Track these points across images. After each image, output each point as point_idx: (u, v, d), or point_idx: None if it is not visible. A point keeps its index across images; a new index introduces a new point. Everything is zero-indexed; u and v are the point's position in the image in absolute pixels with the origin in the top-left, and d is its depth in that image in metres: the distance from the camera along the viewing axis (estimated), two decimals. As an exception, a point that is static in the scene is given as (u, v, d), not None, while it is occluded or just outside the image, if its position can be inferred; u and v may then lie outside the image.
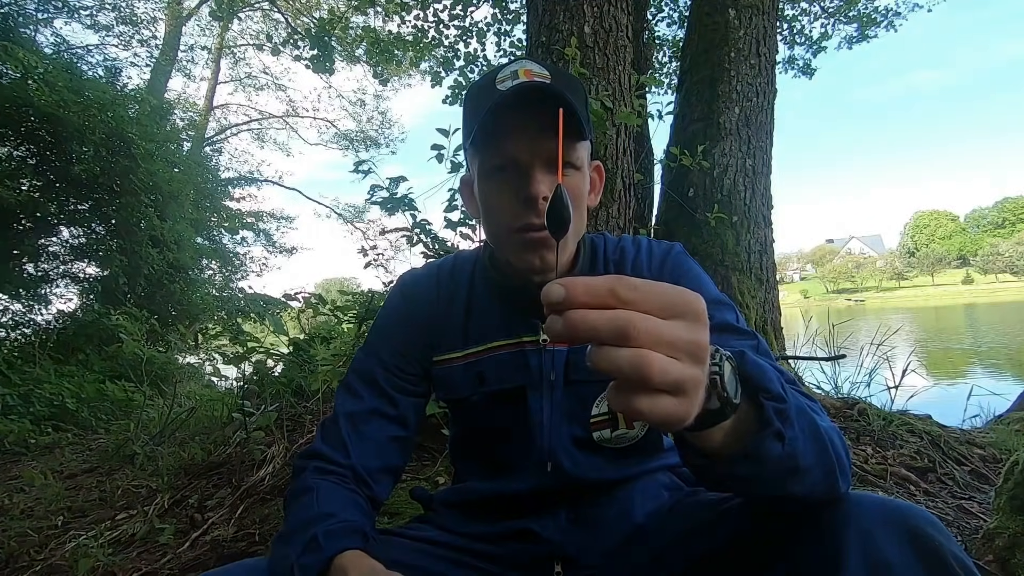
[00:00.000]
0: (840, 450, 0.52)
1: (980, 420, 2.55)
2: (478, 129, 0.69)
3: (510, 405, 0.76)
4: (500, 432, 0.78)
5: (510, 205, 0.70)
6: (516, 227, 0.69)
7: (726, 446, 0.46)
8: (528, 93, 0.66)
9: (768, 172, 2.99)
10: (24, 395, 3.88)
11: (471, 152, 0.75)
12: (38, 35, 8.16)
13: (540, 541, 0.73)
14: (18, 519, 1.69)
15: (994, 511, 1.18)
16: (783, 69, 7.03)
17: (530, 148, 0.68)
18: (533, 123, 0.67)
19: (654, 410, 0.33)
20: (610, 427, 0.74)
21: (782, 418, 0.45)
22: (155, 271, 7.40)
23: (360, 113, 17.10)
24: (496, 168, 0.70)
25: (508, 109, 0.66)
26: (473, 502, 0.78)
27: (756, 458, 0.45)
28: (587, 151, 0.74)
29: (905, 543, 0.47)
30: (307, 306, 2.70)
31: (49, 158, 6.30)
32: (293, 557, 0.60)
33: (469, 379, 0.77)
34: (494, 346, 0.77)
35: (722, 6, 3.03)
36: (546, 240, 0.69)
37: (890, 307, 42.72)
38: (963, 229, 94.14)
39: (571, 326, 0.33)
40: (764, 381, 0.46)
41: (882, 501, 0.51)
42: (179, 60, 13.37)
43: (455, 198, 2.36)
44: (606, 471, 0.74)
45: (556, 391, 0.75)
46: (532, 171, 0.68)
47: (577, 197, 0.71)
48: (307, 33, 6.70)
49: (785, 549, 0.53)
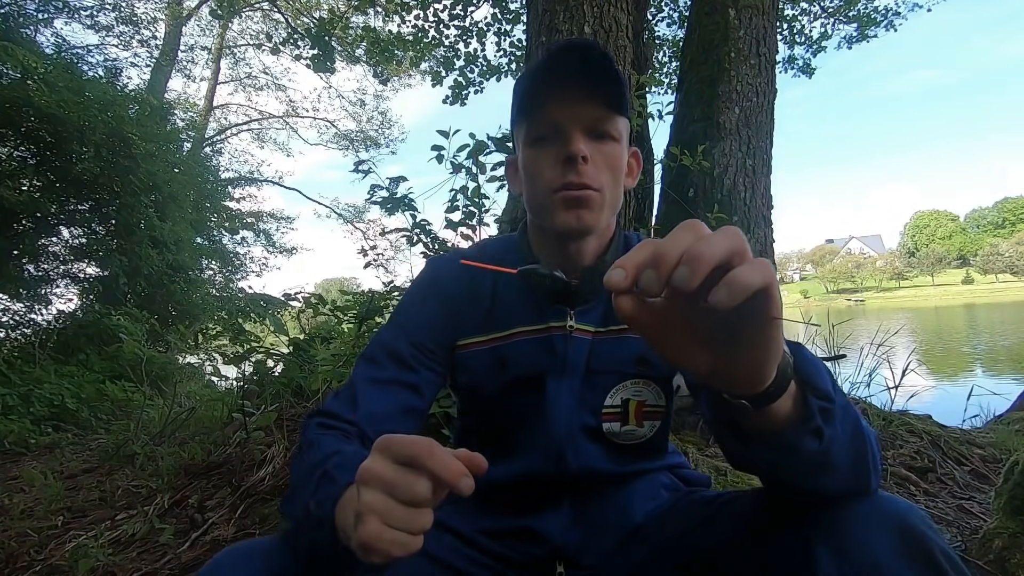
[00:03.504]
0: (877, 453, 0.53)
1: (980, 420, 2.56)
2: (518, 100, 0.72)
3: (528, 391, 0.76)
4: (513, 417, 0.78)
5: (551, 168, 0.71)
6: (555, 187, 0.71)
7: (764, 431, 0.47)
8: (568, 57, 0.67)
9: (768, 172, 2.99)
10: (24, 395, 3.88)
11: (516, 126, 0.77)
12: (38, 35, 8.15)
13: (541, 541, 0.73)
14: (18, 519, 1.69)
15: (994, 511, 1.18)
16: (783, 69, 7.03)
17: (571, 114, 0.69)
18: (574, 90, 0.69)
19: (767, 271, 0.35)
20: (620, 421, 0.75)
21: (825, 416, 0.46)
22: (155, 271, 7.39)
23: (360, 113, 17.10)
24: (538, 138, 0.72)
25: (549, 76, 0.69)
26: (476, 491, 0.77)
27: (790, 450, 0.47)
28: (626, 128, 0.75)
29: (895, 539, 0.47)
30: (307, 306, 2.69)
31: (49, 158, 6.29)
32: (306, 498, 0.55)
33: (492, 364, 0.77)
34: (518, 331, 0.77)
35: (722, 6, 3.03)
36: (585, 198, 0.70)
37: (890, 307, 42.72)
38: (963, 229, 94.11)
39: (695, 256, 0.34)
40: (815, 377, 0.47)
41: (872, 497, 0.52)
42: (179, 60, 13.37)
43: (455, 198, 2.36)
44: (609, 464, 0.75)
45: (575, 379, 0.75)
46: (571, 133, 0.69)
47: (615, 168, 0.72)
48: (307, 33, 6.70)
49: (780, 545, 0.53)
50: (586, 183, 0.70)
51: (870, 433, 0.53)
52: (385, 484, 0.42)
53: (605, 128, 0.71)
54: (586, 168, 0.69)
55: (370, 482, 0.42)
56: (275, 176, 16.57)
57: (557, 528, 0.74)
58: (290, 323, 4.36)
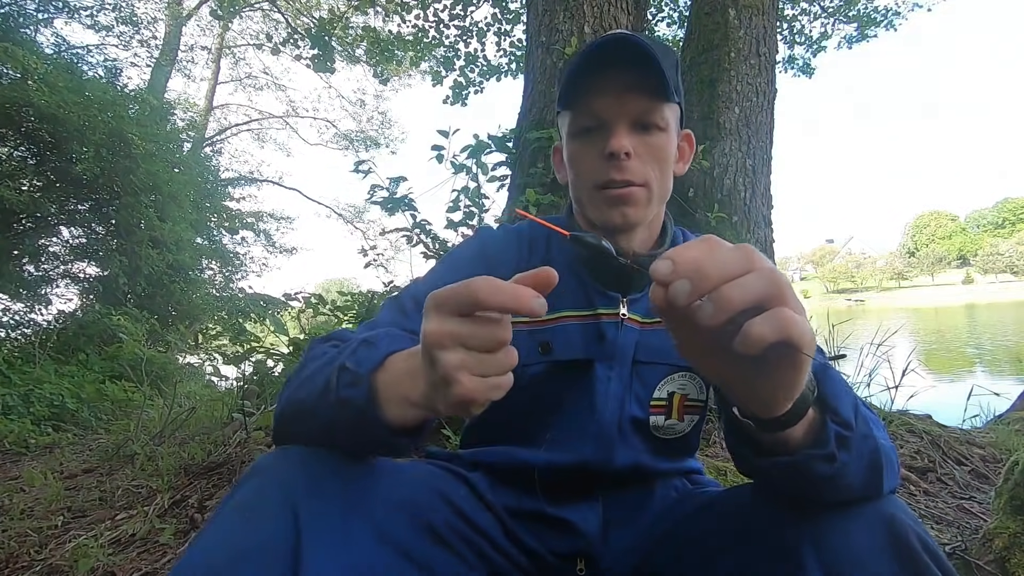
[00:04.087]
0: (894, 464, 0.53)
1: (980, 420, 2.55)
2: (562, 91, 0.70)
3: (574, 377, 0.73)
4: (552, 403, 0.74)
5: (593, 162, 0.70)
6: (598, 183, 0.70)
7: (775, 450, 0.46)
8: (611, 49, 0.66)
9: (768, 172, 2.99)
10: (24, 395, 3.88)
11: (561, 116, 0.76)
12: (38, 35, 8.16)
13: (575, 534, 0.71)
14: (18, 519, 1.69)
15: (994, 511, 1.18)
16: (783, 69, 7.03)
17: (615, 106, 0.68)
18: (617, 81, 0.67)
19: (800, 321, 0.35)
20: (664, 415, 0.74)
21: (841, 443, 0.46)
22: (155, 271, 7.39)
23: (360, 113, 17.13)
24: (582, 129, 0.71)
25: (593, 67, 0.67)
26: (507, 467, 0.75)
27: (799, 471, 0.46)
28: (675, 115, 0.73)
29: (880, 537, 0.47)
30: (307, 306, 2.70)
31: (49, 158, 6.29)
32: (343, 358, 0.51)
33: (532, 347, 0.74)
34: (564, 315, 0.75)
35: (722, 6, 3.03)
36: (628, 195, 0.69)
37: (891, 307, 42.72)
38: (963, 229, 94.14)
39: (699, 272, 0.35)
40: (836, 402, 0.46)
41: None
42: (179, 60, 13.39)
43: (459, 198, 2.36)
44: (649, 459, 0.74)
45: (624, 368, 0.73)
46: (615, 127, 0.68)
47: (662, 159, 0.71)
48: (307, 33, 6.70)
49: (765, 545, 0.53)
50: (629, 180, 0.69)
51: (888, 450, 0.52)
52: (461, 339, 0.40)
53: (651, 119, 0.69)
54: (629, 164, 0.68)
55: (445, 343, 0.40)
56: (275, 176, 16.61)
57: (593, 521, 0.72)
58: (290, 323, 4.37)
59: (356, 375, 0.49)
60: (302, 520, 0.47)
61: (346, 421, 0.50)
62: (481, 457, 0.76)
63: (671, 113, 0.72)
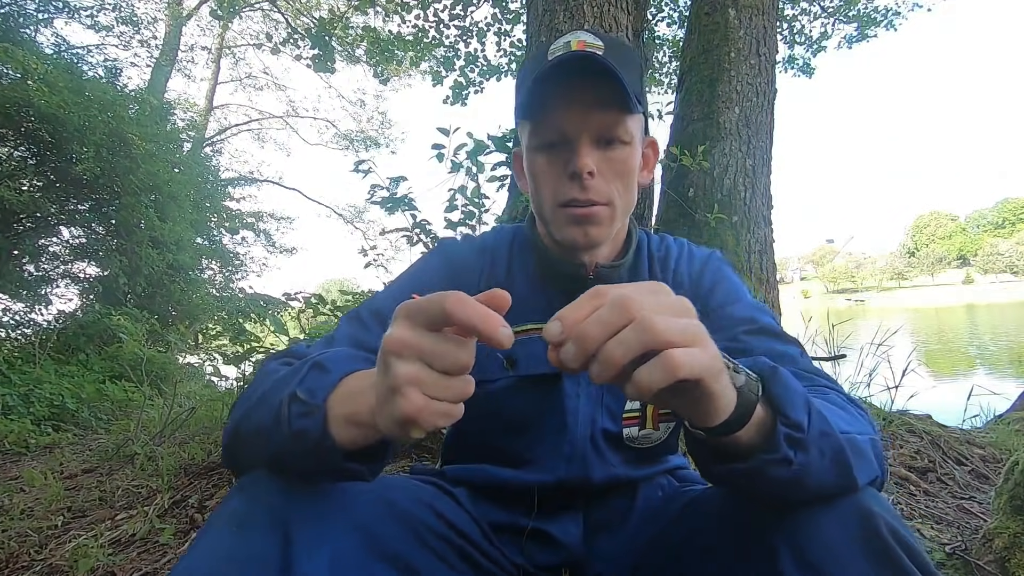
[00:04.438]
0: (868, 458, 0.50)
1: (980, 420, 2.56)
2: (523, 101, 0.69)
3: (541, 392, 0.73)
4: (523, 418, 0.74)
5: (556, 180, 0.69)
6: (561, 202, 0.69)
7: (729, 455, 0.46)
8: (574, 64, 0.64)
9: (768, 172, 2.99)
10: (24, 395, 3.88)
11: (520, 125, 0.74)
12: (38, 35, 8.16)
13: (557, 546, 0.71)
14: (18, 519, 1.69)
15: (994, 511, 1.18)
16: (783, 69, 7.03)
17: (578, 122, 0.67)
18: (581, 96, 0.66)
19: (689, 359, 0.36)
20: (638, 425, 0.74)
21: (794, 445, 0.44)
22: (155, 271, 7.39)
23: (360, 113, 17.12)
24: (545, 143, 0.70)
25: (554, 81, 0.65)
26: (485, 484, 0.75)
27: (756, 474, 0.45)
28: (639, 124, 0.72)
29: (853, 530, 0.46)
30: (307, 306, 2.69)
31: (49, 158, 6.29)
32: (293, 385, 0.49)
33: (497, 362, 0.73)
34: (529, 328, 0.73)
35: (722, 6, 3.03)
36: (591, 215, 0.68)
37: (891, 307, 42.72)
38: (963, 229, 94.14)
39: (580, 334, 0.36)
40: (785, 404, 0.45)
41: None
42: (179, 60, 13.38)
43: (455, 198, 2.36)
44: (628, 470, 0.74)
45: (592, 383, 0.72)
46: (579, 145, 0.67)
47: (625, 172, 0.70)
48: (307, 33, 6.70)
49: (745, 544, 0.53)
50: (592, 199, 0.68)
51: (859, 442, 0.50)
52: (422, 353, 0.38)
53: (615, 134, 0.68)
54: (593, 183, 0.67)
55: (403, 352, 0.38)
56: (275, 176, 16.61)
57: (574, 533, 0.72)
58: (290, 323, 4.37)
59: (309, 405, 0.47)
60: (292, 531, 0.48)
61: (301, 451, 0.48)
62: (462, 475, 0.77)
63: (635, 124, 0.70)
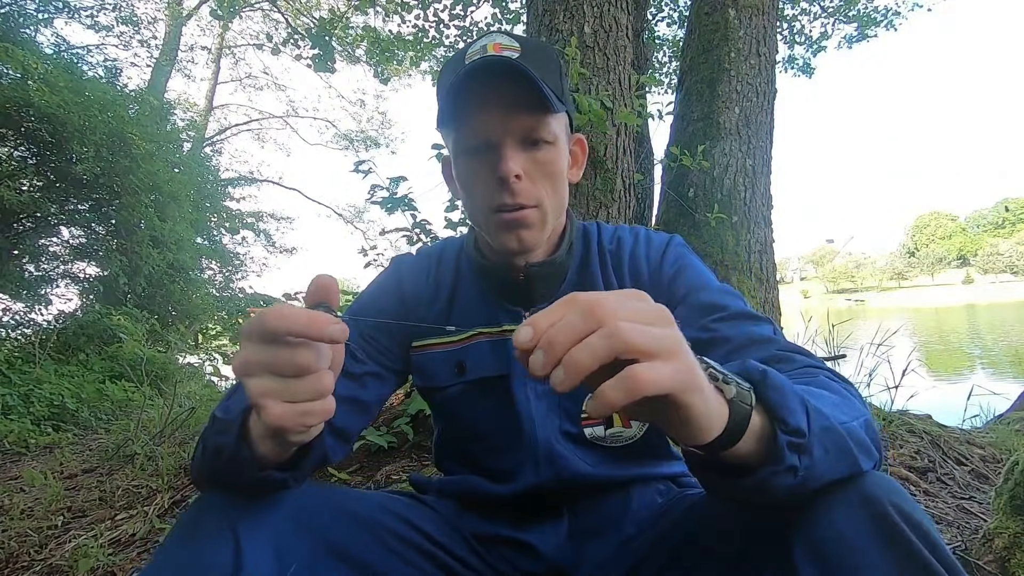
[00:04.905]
0: (866, 444, 0.48)
1: (980, 420, 2.56)
2: (442, 107, 0.67)
3: (494, 397, 0.73)
4: (481, 425, 0.75)
5: (485, 185, 0.68)
6: (492, 206, 0.68)
7: (731, 472, 0.43)
8: (489, 67, 0.64)
9: (768, 172, 2.99)
10: (24, 395, 3.88)
11: (444, 131, 0.73)
12: (38, 35, 8.16)
13: (538, 556, 0.71)
14: (18, 519, 1.69)
15: (994, 511, 1.18)
16: (783, 69, 7.04)
17: (500, 125, 0.66)
18: (499, 99, 0.65)
19: (654, 375, 0.33)
20: (603, 424, 0.72)
21: (797, 450, 0.42)
22: (155, 271, 7.40)
23: (360, 113, 17.12)
24: (469, 148, 0.69)
25: (472, 86, 0.64)
26: (469, 496, 0.76)
27: (763, 487, 0.43)
28: (562, 123, 0.71)
29: (865, 519, 0.44)
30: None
31: (49, 158, 6.29)
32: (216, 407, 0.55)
33: (449, 368, 0.75)
34: (475, 334, 0.75)
35: (722, 6, 3.03)
36: (522, 219, 0.68)
37: (891, 307, 42.72)
38: (963, 229, 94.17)
39: (548, 340, 0.35)
40: (782, 411, 0.42)
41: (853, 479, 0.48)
42: (179, 60, 13.38)
43: (454, 198, 2.36)
44: (604, 469, 0.72)
45: (543, 384, 0.71)
46: (503, 149, 0.66)
47: (553, 174, 0.69)
48: (307, 33, 6.70)
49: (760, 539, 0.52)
50: (521, 203, 0.67)
51: (856, 430, 0.47)
52: (266, 366, 0.41)
53: (538, 135, 0.67)
54: (521, 186, 0.67)
55: (251, 370, 0.41)
56: (275, 176, 16.62)
57: (554, 542, 0.71)
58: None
59: (224, 423, 0.51)
60: (241, 536, 0.50)
61: (222, 466, 0.51)
62: (446, 486, 0.78)
63: (558, 124, 0.70)
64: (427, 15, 6.26)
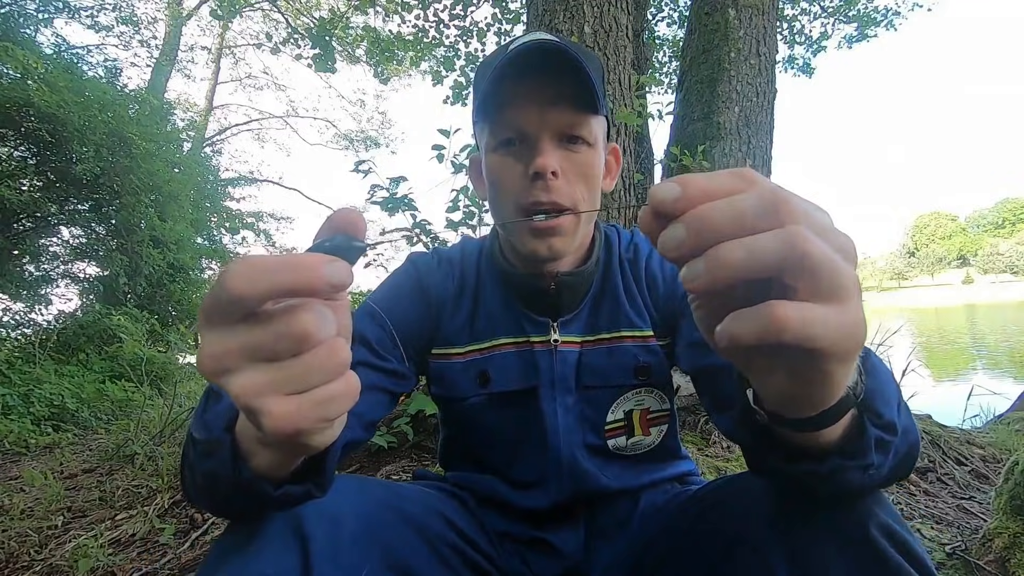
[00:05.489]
0: (917, 452, 0.45)
1: (980, 420, 2.56)
2: (482, 97, 0.63)
3: (519, 408, 0.70)
4: (505, 435, 0.72)
5: (516, 181, 0.64)
6: (523, 205, 0.63)
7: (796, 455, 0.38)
8: (536, 56, 0.59)
9: (768, 172, 3.00)
10: (24, 395, 3.88)
11: (479, 127, 0.69)
12: (38, 35, 8.16)
13: (559, 555, 0.70)
14: (18, 519, 1.69)
15: (994, 511, 1.18)
16: (783, 69, 7.03)
17: (538, 117, 0.62)
18: (541, 90, 0.61)
19: (813, 320, 0.24)
20: (625, 434, 0.71)
21: (881, 448, 0.37)
22: (155, 271, 7.40)
23: (360, 113, 17.14)
24: (503, 142, 0.65)
25: (514, 75, 0.61)
26: (488, 496, 0.74)
27: (826, 479, 0.38)
28: (602, 128, 0.68)
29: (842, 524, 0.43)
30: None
31: (49, 158, 6.29)
32: (192, 424, 0.44)
33: (470, 378, 0.71)
34: (499, 344, 0.71)
35: (722, 6, 3.03)
36: (555, 228, 0.64)
37: (891, 307, 42.73)
38: (963, 229, 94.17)
39: (700, 216, 0.25)
40: (880, 401, 0.37)
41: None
42: (179, 60, 13.38)
43: (456, 198, 2.36)
44: (623, 479, 0.72)
45: (569, 395, 0.69)
46: (540, 143, 0.62)
47: (590, 176, 0.65)
48: (307, 33, 6.70)
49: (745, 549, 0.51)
50: (556, 201, 0.62)
51: (915, 440, 0.44)
52: (246, 353, 0.28)
53: (578, 132, 0.63)
54: (556, 184, 0.62)
55: (227, 364, 0.28)
56: (275, 176, 16.63)
57: (573, 543, 0.71)
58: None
59: (207, 443, 0.40)
60: (311, 547, 0.46)
61: (224, 494, 0.42)
62: (464, 482, 0.76)
63: (599, 127, 0.66)
64: (427, 15, 6.26)
